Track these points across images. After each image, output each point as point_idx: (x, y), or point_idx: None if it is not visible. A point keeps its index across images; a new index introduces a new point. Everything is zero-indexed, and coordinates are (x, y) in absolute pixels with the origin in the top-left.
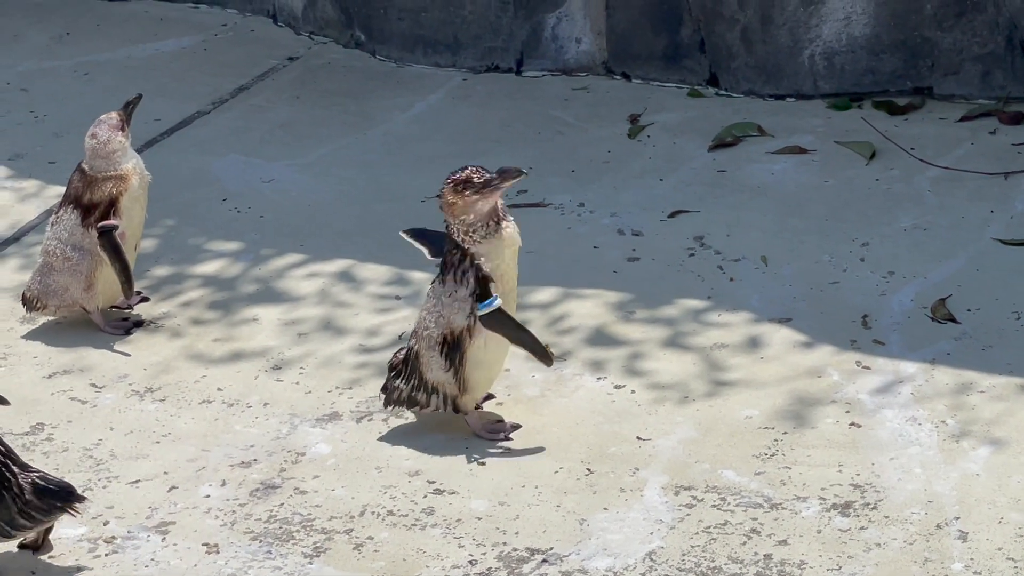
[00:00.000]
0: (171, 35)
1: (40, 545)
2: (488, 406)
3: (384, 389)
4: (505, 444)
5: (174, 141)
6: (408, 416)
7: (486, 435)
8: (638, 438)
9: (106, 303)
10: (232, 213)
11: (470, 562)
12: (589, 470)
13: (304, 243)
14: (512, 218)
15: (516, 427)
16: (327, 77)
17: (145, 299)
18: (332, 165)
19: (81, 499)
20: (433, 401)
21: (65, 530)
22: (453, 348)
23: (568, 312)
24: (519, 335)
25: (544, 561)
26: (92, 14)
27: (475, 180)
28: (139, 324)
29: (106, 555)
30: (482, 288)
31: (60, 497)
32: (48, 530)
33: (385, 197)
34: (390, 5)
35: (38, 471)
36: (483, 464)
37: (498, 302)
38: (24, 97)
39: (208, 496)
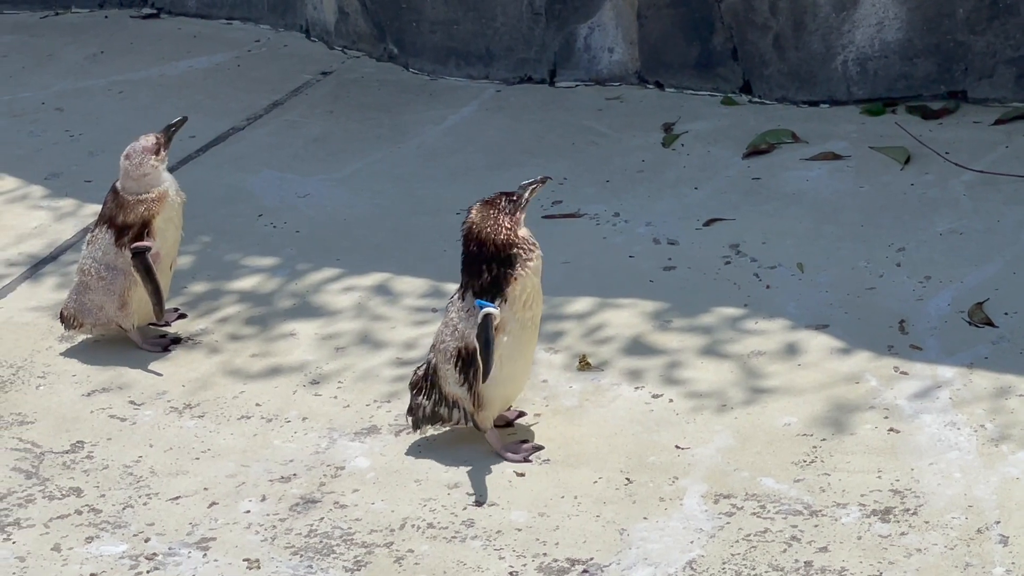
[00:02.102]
0: (204, 52)
1: None
2: (525, 415)
3: (410, 411)
4: (524, 466)
5: (209, 158)
6: (445, 428)
7: (507, 455)
8: (677, 447)
9: (142, 321)
10: (268, 228)
11: (511, 574)
12: (628, 480)
13: (340, 257)
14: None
15: (538, 448)
16: (360, 91)
17: (183, 316)
18: (367, 179)
19: None
20: (455, 415)
21: (107, 547)
22: (467, 363)
23: (605, 322)
24: (484, 351)
25: (585, 571)
26: (125, 33)
27: (506, 200)
28: (177, 341)
29: (148, 572)
30: (491, 293)
31: None
32: None
33: (420, 210)
34: (422, 18)
35: None
36: (522, 475)
37: (495, 310)
38: (59, 116)
39: (248, 511)
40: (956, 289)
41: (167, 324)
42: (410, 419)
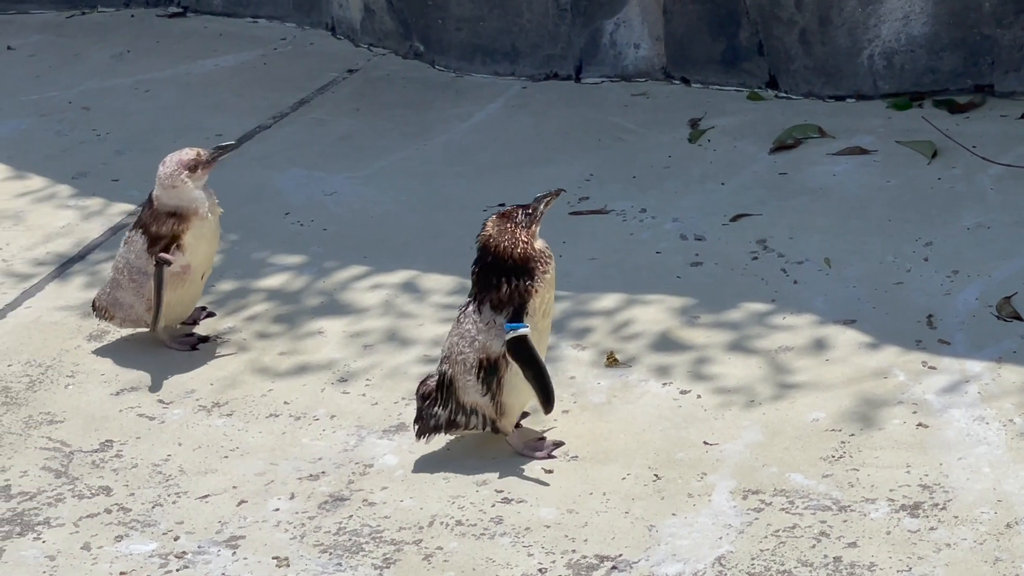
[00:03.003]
0: (230, 50)
1: None
2: (556, 412)
3: (418, 420)
4: (552, 463)
5: (235, 156)
6: (458, 435)
7: (529, 453)
8: (705, 443)
9: (171, 322)
10: (295, 227)
11: (540, 570)
12: (657, 476)
13: (367, 255)
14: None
15: (559, 444)
16: (386, 88)
17: (211, 314)
18: (393, 176)
19: None
20: (473, 421)
21: (136, 546)
22: (489, 373)
23: (632, 318)
24: (536, 369)
25: (614, 568)
26: (151, 32)
27: (522, 214)
28: (204, 340)
29: (177, 570)
30: (516, 314)
31: None
32: None
33: (446, 207)
34: (448, 15)
35: None
36: (550, 472)
37: (527, 329)
38: (86, 116)
39: (277, 510)
40: (984, 283)
41: (195, 323)
42: (416, 427)
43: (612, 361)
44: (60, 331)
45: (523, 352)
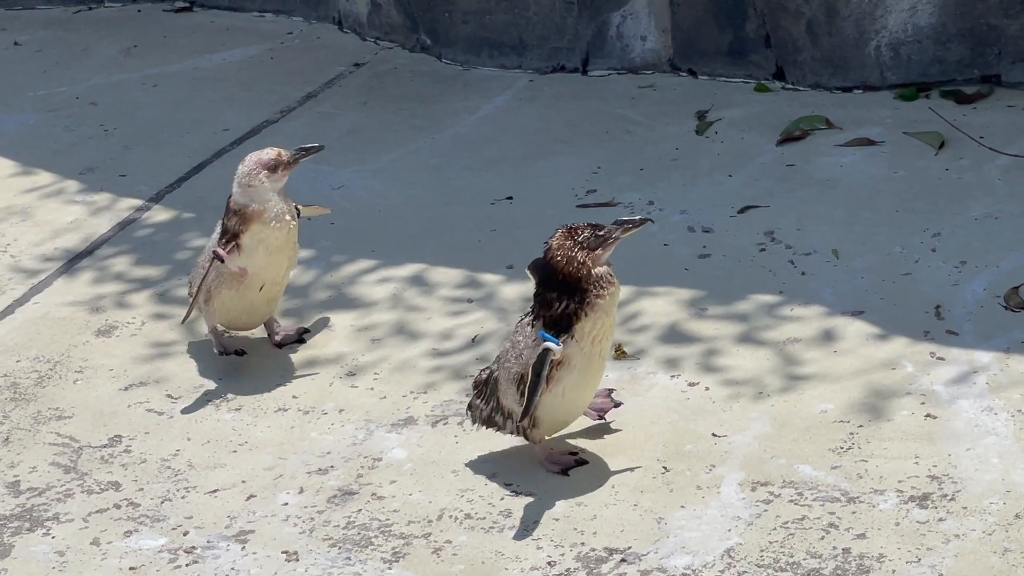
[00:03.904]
0: (237, 44)
1: None
2: (621, 405)
3: (469, 407)
4: (562, 476)
5: (243, 151)
6: (498, 434)
7: (548, 465)
8: (713, 435)
9: (227, 324)
10: (303, 220)
11: (549, 563)
12: (665, 468)
13: (375, 248)
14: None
15: (582, 463)
16: (394, 82)
17: (302, 340)
18: (401, 170)
19: None
20: (508, 425)
21: (145, 541)
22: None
23: (640, 310)
24: (534, 387)
25: (623, 560)
26: (159, 26)
27: (590, 233)
28: (241, 353)
29: (186, 565)
30: (560, 327)
31: None
32: None
33: (455, 200)
34: (455, 8)
35: None
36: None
37: (557, 347)
38: (94, 111)
39: (286, 504)
40: (992, 274)
41: (280, 345)
42: (469, 415)
43: (620, 353)
44: (68, 327)
45: (537, 364)
